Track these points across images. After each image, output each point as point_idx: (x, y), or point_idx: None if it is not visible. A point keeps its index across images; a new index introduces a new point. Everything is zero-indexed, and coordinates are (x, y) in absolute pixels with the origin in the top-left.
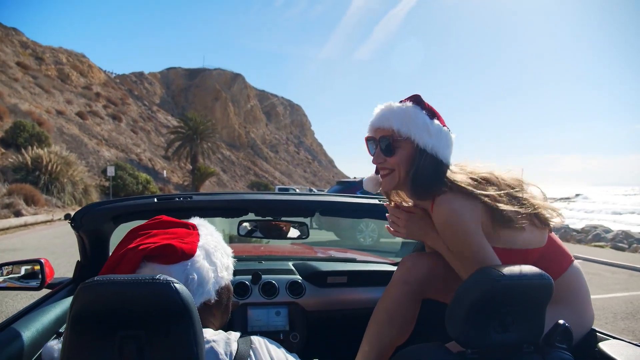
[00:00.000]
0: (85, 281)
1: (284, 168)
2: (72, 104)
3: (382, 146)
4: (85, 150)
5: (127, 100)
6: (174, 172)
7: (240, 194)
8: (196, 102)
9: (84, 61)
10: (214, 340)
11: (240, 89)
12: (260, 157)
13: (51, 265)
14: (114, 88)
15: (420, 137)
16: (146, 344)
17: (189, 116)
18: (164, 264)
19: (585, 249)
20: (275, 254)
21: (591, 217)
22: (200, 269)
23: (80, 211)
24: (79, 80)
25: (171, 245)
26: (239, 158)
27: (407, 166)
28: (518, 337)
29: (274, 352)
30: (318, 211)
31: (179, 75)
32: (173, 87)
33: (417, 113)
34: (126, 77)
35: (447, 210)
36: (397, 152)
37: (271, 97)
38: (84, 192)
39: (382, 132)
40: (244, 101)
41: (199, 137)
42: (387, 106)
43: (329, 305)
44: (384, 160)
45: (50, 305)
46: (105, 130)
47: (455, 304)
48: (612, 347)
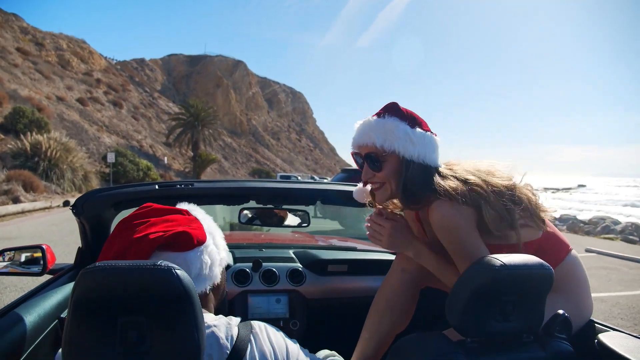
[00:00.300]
0: (86, 267)
1: (286, 155)
2: (73, 90)
3: (368, 162)
4: (86, 136)
5: (128, 86)
6: (175, 159)
7: (242, 181)
8: (197, 88)
9: (84, 47)
10: (214, 325)
11: (241, 76)
12: (261, 145)
13: (52, 251)
14: (115, 74)
15: (404, 149)
16: (147, 330)
17: (190, 102)
18: (178, 251)
19: (595, 241)
20: (276, 241)
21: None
22: (212, 253)
23: (81, 197)
24: (80, 66)
25: (186, 233)
26: (240, 145)
27: (396, 178)
28: (518, 327)
29: (273, 337)
30: (319, 199)
31: (180, 61)
32: (174, 74)
33: (396, 125)
34: (127, 64)
35: (441, 215)
36: (384, 167)
37: (273, 85)
38: (84, 178)
39: (367, 149)
40: (245, 88)
41: (200, 124)
42: (365, 122)
43: (329, 293)
44: (373, 176)
45: (52, 291)
46: (106, 116)
47: (456, 292)
48: (612, 338)
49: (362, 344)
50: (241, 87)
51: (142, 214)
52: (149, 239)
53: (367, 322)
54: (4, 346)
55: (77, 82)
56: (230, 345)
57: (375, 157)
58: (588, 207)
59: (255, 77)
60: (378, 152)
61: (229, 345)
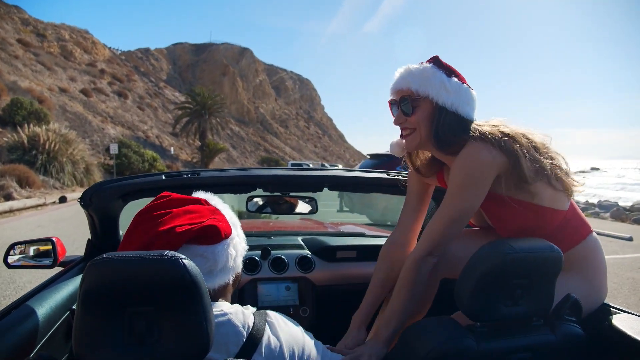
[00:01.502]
0: (94, 259)
1: (294, 143)
2: (76, 81)
3: (402, 107)
4: (90, 128)
5: (133, 76)
6: (182, 149)
7: (248, 169)
8: (204, 77)
9: (87, 37)
10: (230, 312)
11: (248, 64)
12: (270, 133)
13: (63, 244)
14: (119, 65)
15: (437, 95)
16: (155, 320)
17: (196, 91)
18: (207, 244)
19: None
20: (285, 229)
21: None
22: (237, 244)
23: (89, 190)
24: (83, 57)
25: (214, 227)
26: (248, 134)
27: (427, 124)
28: (527, 310)
29: (288, 326)
30: (326, 186)
31: (186, 50)
32: (180, 63)
33: (434, 72)
34: (132, 54)
35: (467, 152)
36: (416, 112)
37: (280, 72)
38: (86, 171)
39: (402, 93)
40: (252, 76)
41: (207, 113)
42: (405, 69)
43: (339, 279)
44: (405, 120)
45: (63, 283)
46: (110, 107)
47: (465, 277)
48: (624, 321)
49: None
50: (248, 75)
51: (162, 205)
52: (176, 232)
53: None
54: (17, 338)
55: (80, 73)
56: (247, 333)
57: (408, 101)
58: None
59: (262, 64)
60: (412, 96)
61: (245, 334)
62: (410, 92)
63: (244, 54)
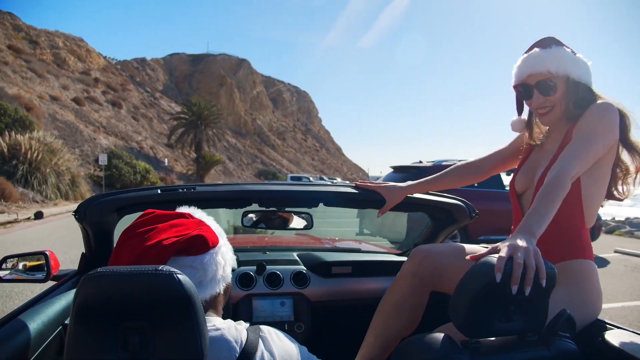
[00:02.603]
0: (88, 273)
1: (292, 156)
2: (68, 90)
3: (540, 89)
4: (80, 137)
5: (128, 86)
6: (177, 161)
7: (244, 184)
8: (200, 88)
9: (82, 45)
10: (223, 328)
11: (245, 75)
12: (267, 145)
13: (56, 257)
14: (114, 74)
15: (573, 72)
16: (150, 335)
17: (192, 101)
18: (195, 255)
19: None
20: (280, 244)
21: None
22: (225, 253)
23: (83, 203)
24: (77, 65)
25: (201, 236)
26: (245, 146)
27: (566, 99)
28: (521, 326)
29: (282, 341)
30: (322, 202)
31: (183, 61)
32: (176, 74)
33: (563, 51)
34: (127, 63)
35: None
36: (556, 90)
37: (277, 84)
38: (72, 183)
39: (538, 77)
40: (249, 87)
41: (204, 123)
42: (532, 55)
43: (334, 295)
44: (545, 100)
45: (56, 297)
46: (103, 116)
47: (459, 293)
48: (617, 337)
49: (366, 348)
50: (245, 86)
51: (146, 221)
52: (163, 245)
53: (372, 325)
54: (8, 353)
55: (73, 81)
56: (240, 349)
57: (548, 83)
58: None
59: (260, 76)
60: (551, 77)
61: (238, 349)
62: (547, 75)
63: (242, 65)
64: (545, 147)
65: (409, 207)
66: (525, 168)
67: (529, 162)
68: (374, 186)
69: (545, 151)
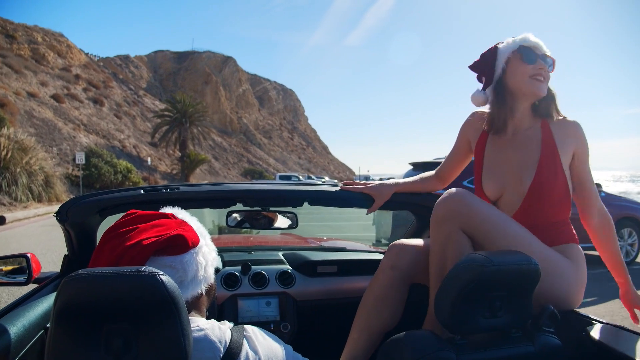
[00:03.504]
0: (69, 275)
1: (278, 155)
2: (47, 86)
3: (545, 60)
4: (59, 135)
5: (111, 83)
6: (161, 160)
7: (227, 184)
8: (185, 86)
9: (62, 41)
10: (207, 328)
11: (231, 73)
12: (253, 144)
13: (38, 260)
14: (96, 70)
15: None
16: (133, 337)
17: (177, 98)
18: (174, 255)
19: None
20: (265, 244)
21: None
22: (206, 253)
23: (65, 204)
24: (56, 61)
25: (181, 236)
26: (231, 144)
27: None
28: (506, 322)
29: (267, 340)
30: (306, 200)
31: (167, 58)
32: (161, 71)
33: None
34: (110, 60)
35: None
36: (552, 71)
37: (263, 82)
38: (45, 184)
39: (545, 51)
40: (235, 85)
41: (189, 121)
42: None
43: (320, 294)
44: (547, 71)
45: (38, 300)
46: (84, 114)
47: (443, 290)
48: (599, 331)
49: (351, 344)
50: (231, 84)
51: (128, 222)
52: (142, 244)
53: (355, 321)
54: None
55: (52, 77)
56: (224, 349)
57: (551, 59)
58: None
59: (245, 73)
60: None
61: (222, 349)
62: (551, 56)
63: (227, 62)
64: (515, 144)
65: (395, 205)
66: (492, 170)
67: (495, 163)
68: (361, 188)
69: (518, 150)
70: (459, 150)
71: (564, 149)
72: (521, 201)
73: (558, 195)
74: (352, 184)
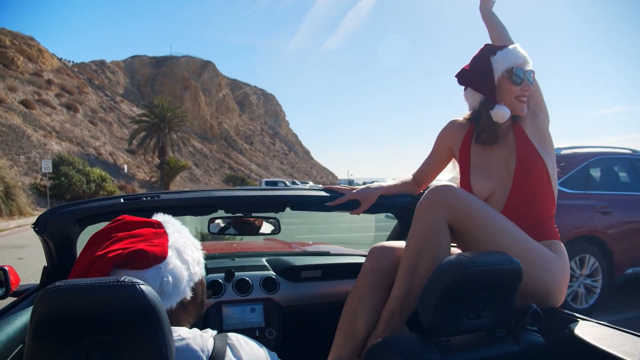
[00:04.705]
0: (45, 287)
1: (260, 160)
2: (16, 92)
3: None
4: (28, 143)
5: (86, 89)
6: (139, 168)
7: (209, 190)
8: (164, 91)
9: (32, 45)
10: (188, 337)
11: (211, 77)
12: (234, 149)
13: (16, 273)
14: (70, 76)
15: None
16: (113, 350)
17: (155, 102)
18: (136, 269)
19: None
20: (249, 250)
21: None
22: (174, 269)
23: (43, 215)
24: (27, 65)
25: (143, 251)
26: (212, 151)
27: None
28: (490, 322)
29: (251, 348)
30: (288, 206)
31: (145, 63)
32: (138, 77)
33: None
34: (85, 66)
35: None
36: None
37: (244, 86)
38: (5, 195)
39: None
40: (215, 90)
41: (168, 126)
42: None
43: (304, 299)
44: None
45: (17, 314)
46: (56, 121)
47: (427, 292)
48: (581, 327)
49: (336, 348)
50: (210, 89)
51: (113, 228)
52: (107, 257)
53: (339, 325)
54: None
55: (22, 82)
56: (206, 358)
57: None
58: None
59: (225, 78)
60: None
61: (205, 358)
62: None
63: (206, 67)
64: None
65: (380, 209)
66: (480, 171)
67: (481, 165)
68: (348, 196)
69: (499, 148)
70: (438, 156)
71: (530, 124)
72: (507, 195)
73: (543, 185)
74: (337, 188)
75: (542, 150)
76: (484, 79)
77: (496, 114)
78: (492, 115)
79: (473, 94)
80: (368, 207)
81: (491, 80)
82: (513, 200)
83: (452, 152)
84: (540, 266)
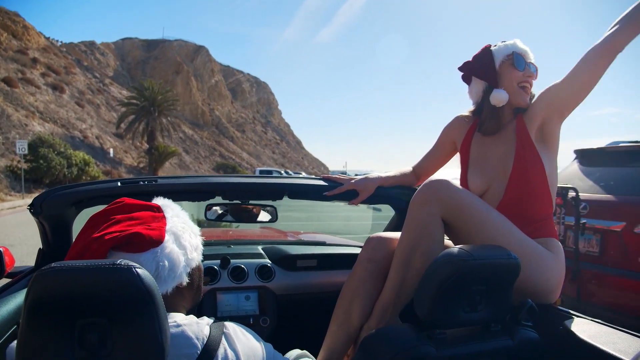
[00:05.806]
0: (41, 268)
1: (252, 149)
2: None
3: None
4: (7, 123)
5: (73, 69)
6: (127, 152)
7: (207, 177)
8: (155, 75)
9: (17, 21)
10: (184, 324)
11: (203, 63)
12: (225, 137)
13: (11, 254)
14: (57, 55)
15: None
16: (108, 333)
17: (145, 85)
18: (132, 252)
19: None
20: (245, 238)
21: None
22: (171, 254)
23: (39, 197)
24: (10, 42)
25: (139, 234)
26: (202, 137)
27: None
28: (486, 316)
29: (248, 339)
30: (286, 194)
31: (136, 46)
32: (129, 59)
33: None
34: (74, 46)
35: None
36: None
37: (237, 73)
38: None
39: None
40: (207, 76)
41: (157, 110)
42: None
43: (299, 288)
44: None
45: (11, 295)
46: (40, 101)
47: (423, 284)
48: (576, 324)
49: (330, 337)
50: (203, 75)
51: (112, 210)
52: (104, 239)
53: (334, 314)
54: None
55: (5, 59)
56: (201, 346)
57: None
58: None
59: (218, 64)
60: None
61: (200, 346)
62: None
63: (199, 52)
64: (497, 139)
65: (378, 199)
66: (477, 166)
67: (479, 159)
68: (347, 185)
69: (500, 144)
70: (441, 149)
71: (535, 126)
72: (503, 192)
73: (539, 185)
74: (335, 177)
75: (542, 151)
76: (485, 65)
77: (494, 97)
78: (490, 99)
79: (476, 84)
80: (366, 198)
81: (492, 67)
82: (508, 198)
83: (455, 147)
84: (533, 263)
